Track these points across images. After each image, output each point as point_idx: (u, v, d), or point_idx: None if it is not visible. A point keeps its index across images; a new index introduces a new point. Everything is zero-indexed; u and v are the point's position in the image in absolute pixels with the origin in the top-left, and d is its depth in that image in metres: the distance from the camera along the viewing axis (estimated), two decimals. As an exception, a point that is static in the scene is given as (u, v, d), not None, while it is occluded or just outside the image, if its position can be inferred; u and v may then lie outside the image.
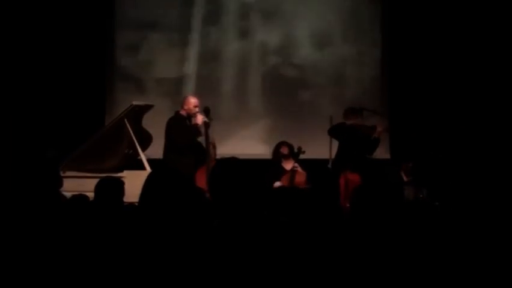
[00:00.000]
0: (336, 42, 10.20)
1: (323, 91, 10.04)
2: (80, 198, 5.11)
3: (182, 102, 7.99)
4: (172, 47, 10.20)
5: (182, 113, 7.87)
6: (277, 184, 7.86)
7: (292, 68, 10.23)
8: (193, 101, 7.88)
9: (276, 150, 8.43)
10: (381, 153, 8.82)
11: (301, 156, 8.19)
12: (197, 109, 7.80)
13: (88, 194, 7.48)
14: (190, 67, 10.18)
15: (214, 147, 8.25)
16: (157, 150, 8.59)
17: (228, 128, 8.53)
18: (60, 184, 7.09)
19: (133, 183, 5.79)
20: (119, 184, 5.24)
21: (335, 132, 8.25)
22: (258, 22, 10.24)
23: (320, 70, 10.18)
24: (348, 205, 6.95)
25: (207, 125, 7.96)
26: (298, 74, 10.21)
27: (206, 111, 8.05)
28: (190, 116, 7.85)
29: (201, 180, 8.05)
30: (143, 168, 7.93)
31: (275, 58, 10.25)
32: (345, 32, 10.20)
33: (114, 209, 4.81)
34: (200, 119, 7.73)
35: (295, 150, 8.26)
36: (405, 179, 8.44)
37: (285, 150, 8.39)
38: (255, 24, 10.24)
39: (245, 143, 9.38)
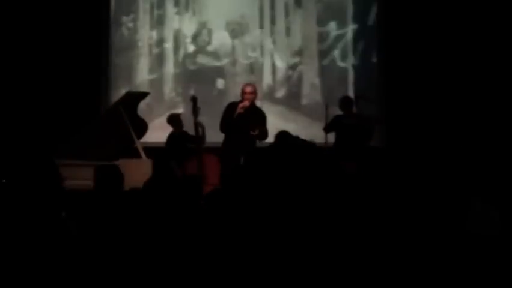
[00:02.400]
0: (252, 30, 10.21)
1: (239, 79, 9.88)
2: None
3: None
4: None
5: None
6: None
7: (208, 56, 10.21)
8: (242, 88, 7.82)
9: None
10: (377, 142, 8.81)
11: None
12: (245, 96, 7.67)
13: (82, 182, 7.57)
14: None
15: (204, 135, 8.31)
16: (152, 138, 8.61)
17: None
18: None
19: (129, 171, 5.82)
20: (118, 172, 5.24)
21: (330, 129, 8.25)
22: (172, 10, 10.22)
23: (236, 58, 10.18)
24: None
25: (195, 113, 8.02)
26: (215, 62, 10.20)
27: (193, 100, 8.08)
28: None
29: (193, 167, 8.11)
30: (138, 156, 7.95)
31: (191, 46, 10.23)
32: (261, 19, 10.22)
33: (114, 197, 4.82)
34: (240, 105, 7.62)
35: None
36: None
37: None
38: (170, 13, 10.22)
39: (159, 132, 9.15)
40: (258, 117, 7.72)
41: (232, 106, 7.75)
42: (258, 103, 7.98)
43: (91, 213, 4.19)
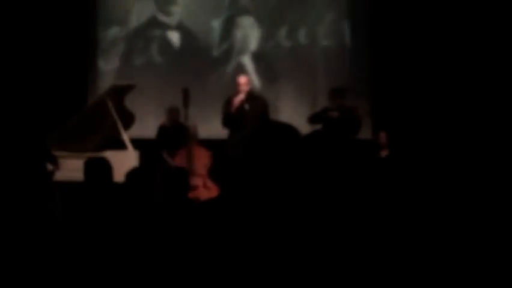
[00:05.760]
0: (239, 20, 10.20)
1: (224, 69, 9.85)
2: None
3: None
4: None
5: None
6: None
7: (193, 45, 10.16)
8: (237, 80, 7.64)
9: None
10: (364, 134, 8.82)
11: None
12: (240, 88, 7.49)
13: (71, 173, 7.56)
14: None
15: (195, 128, 8.28)
16: (139, 130, 8.59)
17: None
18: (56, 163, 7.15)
19: (115, 163, 5.83)
20: (107, 164, 5.25)
21: (316, 120, 8.20)
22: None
23: (222, 48, 10.15)
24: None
25: (186, 105, 7.98)
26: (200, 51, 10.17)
27: (185, 92, 8.05)
28: None
29: (181, 160, 8.09)
30: (125, 148, 7.94)
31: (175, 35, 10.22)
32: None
33: (104, 190, 4.82)
34: (236, 99, 7.45)
35: None
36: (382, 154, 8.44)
37: None
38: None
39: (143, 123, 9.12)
40: (258, 108, 7.51)
41: (230, 100, 7.55)
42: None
43: (81, 204, 4.19)
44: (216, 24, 10.13)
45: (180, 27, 10.17)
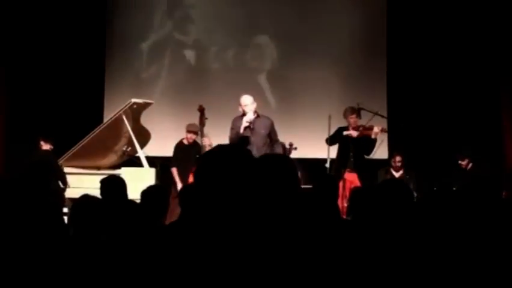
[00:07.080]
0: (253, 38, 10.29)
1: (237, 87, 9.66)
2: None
3: None
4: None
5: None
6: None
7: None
8: (241, 101, 7.51)
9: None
10: (380, 153, 8.81)
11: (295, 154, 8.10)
12: (244, 108, 7.36)
13: (86, 190, 7.59)
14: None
15: (210, 146, 8.25)
16: (155, 148, 8.62)
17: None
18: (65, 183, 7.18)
19: (131, 180, 5.85)
20: (122, 182, 5.28)
21: (333, 140, 8.18)
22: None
23: (235, 65, 10.26)
24: (345, 205, 7.00)
25: (202, 123, 7.99)
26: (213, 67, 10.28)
27: (201, 111, 8.05)
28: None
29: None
30: (140, 165, 7.96)
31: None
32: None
33: (119, 207, 4.84)
34: (244, 119, 7.34)
35: (287, 146, 8.19)
36: (396, 175, 8.47)
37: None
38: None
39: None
40: (266, 127, 7.49)
41: (237, 121, 7.52)
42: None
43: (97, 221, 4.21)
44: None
45: (196, 45, 10.24)
